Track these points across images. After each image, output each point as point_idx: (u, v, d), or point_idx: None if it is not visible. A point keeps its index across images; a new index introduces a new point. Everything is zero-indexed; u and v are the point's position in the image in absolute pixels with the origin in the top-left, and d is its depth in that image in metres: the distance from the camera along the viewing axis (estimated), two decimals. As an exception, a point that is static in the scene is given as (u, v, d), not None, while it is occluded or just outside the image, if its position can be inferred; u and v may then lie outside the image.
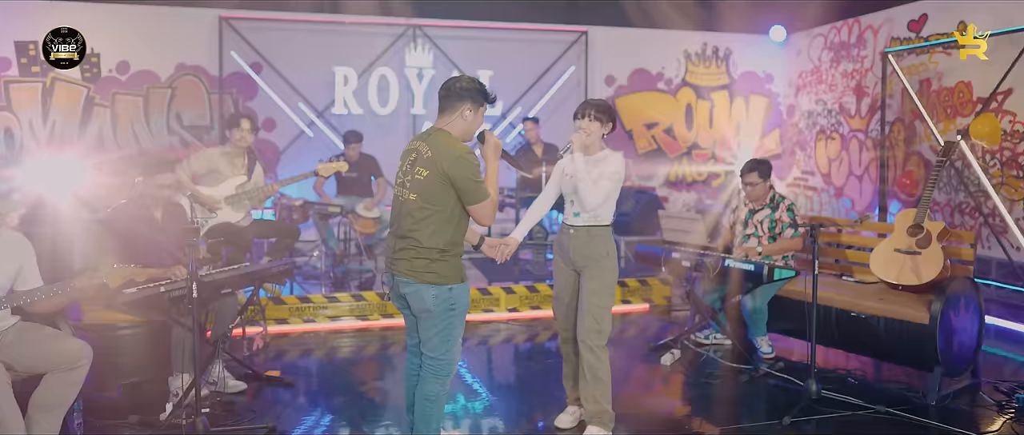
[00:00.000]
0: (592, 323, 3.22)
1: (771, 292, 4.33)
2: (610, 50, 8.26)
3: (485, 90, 2.81)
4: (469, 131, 2.80)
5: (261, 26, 7.20)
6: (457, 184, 2.67)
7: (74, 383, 2.87)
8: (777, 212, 4.47)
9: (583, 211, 3.25)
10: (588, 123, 3.23)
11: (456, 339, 2.80)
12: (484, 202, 2.70)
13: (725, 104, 8.75)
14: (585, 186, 3.16)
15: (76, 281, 2.84)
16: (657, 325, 5.54)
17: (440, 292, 2.71)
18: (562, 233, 3.35)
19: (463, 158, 2.67)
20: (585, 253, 3.25)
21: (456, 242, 2.75)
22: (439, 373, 2.79)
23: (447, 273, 2.72)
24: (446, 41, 7.68)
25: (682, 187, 8.72)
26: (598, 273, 3.24)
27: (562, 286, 3.39)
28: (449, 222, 2.71)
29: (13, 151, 6.76)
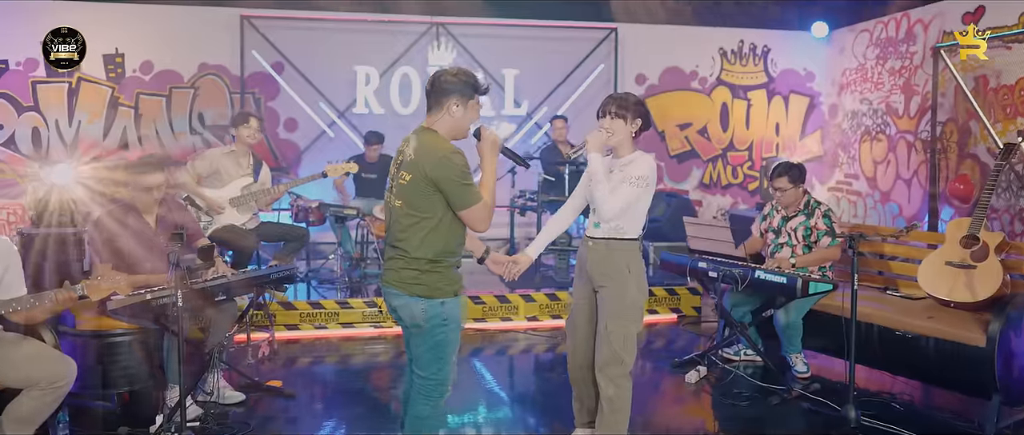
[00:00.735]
0: (610, 353, 2.84)
1: (806, 306, 3.99)
2: (641, 48, 7.95)
3: (474, 81, 2.54)
4: (460, 128, 2.53)
5: (282, 25, 7.11)
6: (442, 188, 2.42)
7: (51, 402, 2.74)
8: (812, 219, 4.13)
9: (602, 221, 2.87)
10: (610, 121, 2.88)
11: (449, 357, 2.56)
12: (475, 206, 2.44)
13: (763, 104, 8.35)
14: (601, 192, 2.79)
15: (55, 294, 2.71)
16: (685, 338, 5.23)
17: (430, 306, 2.48)
18: (582, 245, 3.00)
19: (446, 158, 2.42)
20: (603, 270, 2.87)
21: (449, 251, 2.51)
22: (430, 394, 2.56)
23: (438, 285, 2.49)
24: (469, 39, 7.48)
25: (716, 190, 8.35)
26: (617, 293, 2.85)
27: (579, 305, 3.02)
28: (439, 230, 2.47)
29: (40, 151, 6.80)
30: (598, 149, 2.88)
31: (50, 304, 2.72)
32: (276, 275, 3.69)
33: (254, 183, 4.61)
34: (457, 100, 2.50)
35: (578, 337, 3.03)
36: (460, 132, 2.55)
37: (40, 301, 2.72)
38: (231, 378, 3.89)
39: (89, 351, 3.54)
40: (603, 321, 2.87)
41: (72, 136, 6.87)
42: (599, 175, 2.83)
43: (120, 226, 3.54)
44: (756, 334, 4.26)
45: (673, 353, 4.74)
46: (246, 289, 3.55)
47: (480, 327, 5.34)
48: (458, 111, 2.50)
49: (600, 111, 2.95)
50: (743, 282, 3.79)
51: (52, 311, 2.79)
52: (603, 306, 2.89)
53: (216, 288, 3.34)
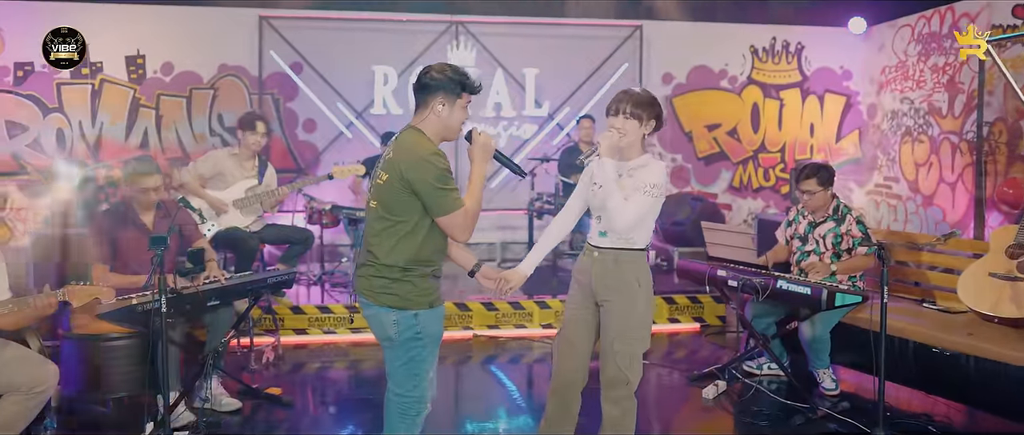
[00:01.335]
0: (615, 372, 2.62)
1: (834, 319, 3.72)
2: (667, 46, 7.68)
3: (461, 78, 2.36)
4: (448, 128, 2.37)
5: (300, 25, 7.06)
6: (418, 191, 2.26)
7: (32, 407, 2.68)
8: (843, 225, 3.84)
9: (611, 231, 2.64)
10: (623, 121, 2.63)
11: (425, 374, 2.38)
12: (454, 213, 2.26)
13: (796, 103, 8.00)
14: (615, 201, 2.55)
15: (35, 299, 2.64)
16: (708, 349, 4.98)
17: (402, 318, 2.31)
18: (585, 255, 2.74)
19: (424, 160, 2.25)
20: (609, 283, 2.64)
21: (424, 260, 2.33)
22: (406, 412, 2.39)
23: (411, 296, 2.31)
24: (490, 38, 7.32)
25: (747, 193, 8.03)
26: (625, 308, 2.63)
27: (574, 320, 2.74)
28: (413, 236, 2.30)
29: (64, 151, 6.87)
30: (611, 153, 2.64)
31: (31, 309, 2.65)
32: (273, 280, 3.58)
33: (259, 185, 4.52)
34: (442, 98, 2.34)
35: (573, 353, 2.75)
36: (448, 133, 2.38)
37: (20, 306, 2.65)
38: (230, 385, 3.80)
39: (84, 355, 3.50)
40: (608, 339, 2.65)
41: (94, 137, 6.92)
42: (612, 182, 2.60)
43: (116, 225, 3.50)
44: (781, 347, 4.00)
45: (693, 364, 4.51)
46: (237, 294, 3.44)
47: (494, 334, 5.18)
48: (444, 110, 2.34)
49: (612, 108, 2.69)
50: (764, 292, 3.54)
51: (33, 317, 2.72)
52: (609, 322, 2.66)
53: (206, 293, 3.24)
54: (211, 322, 3.54)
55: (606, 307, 2.67)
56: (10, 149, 6.77)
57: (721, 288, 3.87)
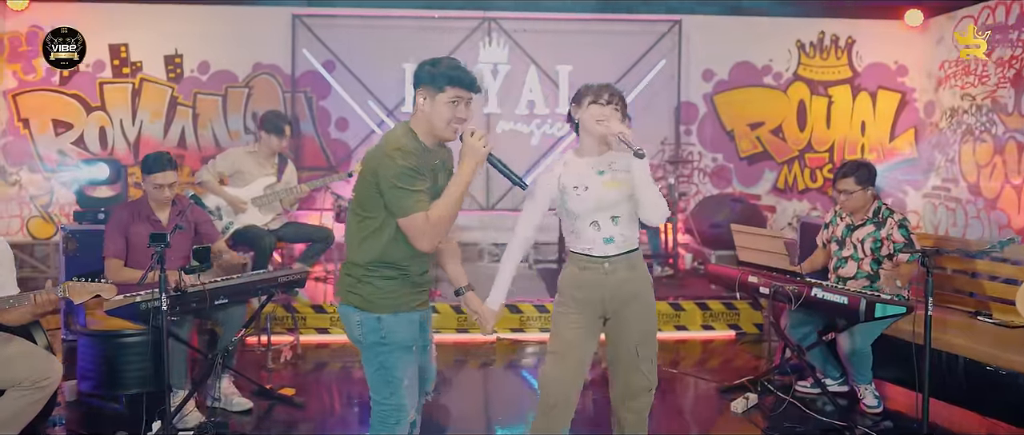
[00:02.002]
0: (642, 379, 2.44)
1: (876, 331, 3.44)
2: (708, 41, 7.38)
3: (446, 71, 2.20)
4: (433, 125, 2.21)
5: (333, 24, 7.05)
6: (380, 187, 2.13)
7: (35, 401, 2.66)
8: (884, 229, 3.55)
9: (624, 232, 2.43)
10: (612, 111, 2.43)
11: (398, 382, 2.23)
12: (412, 217, 2.09)
13: (846, 101, 7.59)
14: (652, 195, 2.36)
15: (35, 296, 2.63)
16: (743, 358, 4.73)
17: (366, 320, 2.20)
18: (586, 270, 2.45)
19: (387, 155, 2.12)
20: (628, 290, 2.44)
21: (391, 262, 2.19)
22: (385, 420, 2.27)
23: (373, 298, 2.19)
24: (522, 34, 7.17)
25: (792, 195, 7.66)
26: (645, 312, 2.48)
27: (578, 343, 2.48)
28: (379, 234, 2.17)
29: (106, 150, 7.04)
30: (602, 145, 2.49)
31: (30, 305, 2.64)
32: (284, 278, 3.52)
33: (278, 182, 4.49)
34: (423, 92, 2.21)
35: (575, 379, 2.48)
36: (436, 130, 2.21)
37: (20, 302, 2.64)
38: (245, 384, 3.76)
39: (99, 351, 3.50)
40: (629, 346, 2.47)
41: (134, 135, 7.07)
42: (648, 176, 2.41)
43: (131, 220, 3.50)
44: (824, 358, 3.73)
45: (726, 375, 4.28)
46: (247, 292, 3.39)
47: (518, 338, 5.04)
48: (425, 105, 2.21)
49: (602, 97, 2.44)
50: (797, 300, 3.29)
51: (33, 313, 2.71)
52: (628, 329, 2.47)
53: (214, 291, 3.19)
54: (224, 320, 3.51)
55: (622, 315, 2.49)
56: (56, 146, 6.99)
57: (752, 295, 3.63)
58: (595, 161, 2.48)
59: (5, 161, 6.92)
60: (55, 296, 2.60)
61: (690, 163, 7.43)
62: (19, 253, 6.97)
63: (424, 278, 2.31)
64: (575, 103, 2.49)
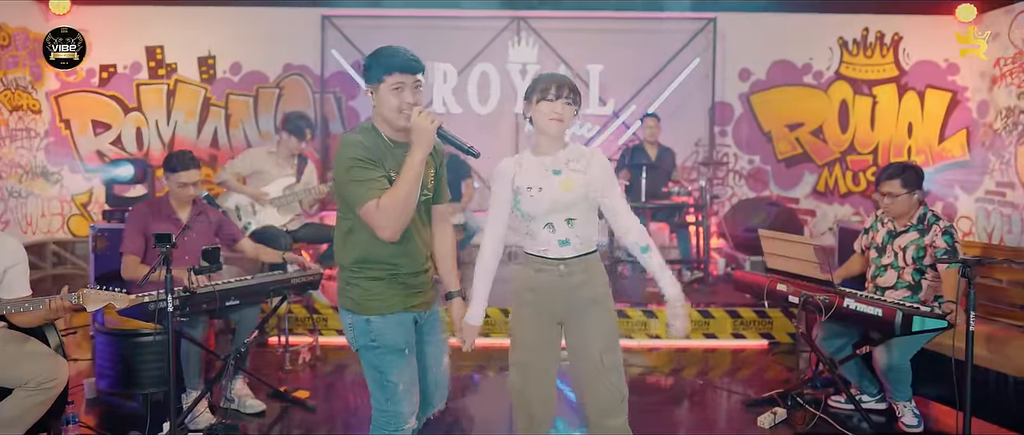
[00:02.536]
0: (611, 390, 2.28)
1: (914, 345, 3.22)
2: (744, 39, 7.14)
3: (373, 63, 2.14)
4: (384, 116, 2.15)
5: (361, 24, 7.05)
6: (336, 184, 2.14)
7: (40, 403, 2.66)
8: (928, 236, 3.32)
9: (581, 234, 2.30)
10: (564, 107, 2.26)
11: (395, 387, 2.16)
12: (365, 206, 2.03)
13: (892, 100, 7.25)
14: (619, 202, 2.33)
15: (50, 301, 2.63)
16: (775, 370, 4.51)
17: (356, 322, 2.17)
18: (540, 272, 2.31)
19: (338, 150, 2.12)
20: (584, 294, 2.31)
21: (376, 261, 2.14)
22: (382, 427, 2.20)
23: (361, 300, 2.15)
24: (552, 33, 7.05)
25: (833, 198, 7.36)
26: (604, 316, 2.33)
27: (540, 343, 2.33)
28: (356, 233, 2.15)
29: (142, 150, 7.18)
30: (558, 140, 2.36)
31: (44, 310, 2.65)
32: (297, 280, 3.48)
33: (297, 183, 4.47)
34: (369, 89, 2.17)
35: (547, 381, 2.35)
36: (390, 119, 2.15)
37: (34, 306, 2.64)
38: (260, 386, 3.74)
39: (116, 349, 3.52)
40: (593, 355, 2.30)
41: (169, 136, 7.19)
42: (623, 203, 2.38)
43: (151, 218, 3.51)
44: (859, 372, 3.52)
45: (755, 386, 4.09)
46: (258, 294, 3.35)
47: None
48: (373, 98, 2.17)
49: (550, 92, 2.25)
50: (828, 311, 3.09)
51: (45, 318, 2.72)
52: (590, 336, 2.32)
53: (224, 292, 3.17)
54: (237, 322, 3.49)
55: (582, 323, 2.34)
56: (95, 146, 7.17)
57: (781, 304, 3.44)
58: (551, 160, 2.31)
59: (47, 161, 7.11)
60: (69, 303, 2.60)
61: (725, 165, 7.20)
62: (61, 250, 7.16)
63: (419, 279, 2.23)
64: (526, 100, 2.35)
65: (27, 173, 6.89)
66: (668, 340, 4.97)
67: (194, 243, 3.44)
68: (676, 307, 2.29)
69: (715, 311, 5.03)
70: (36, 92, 6.97)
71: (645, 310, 5.02)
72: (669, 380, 4.34)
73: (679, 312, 2.28)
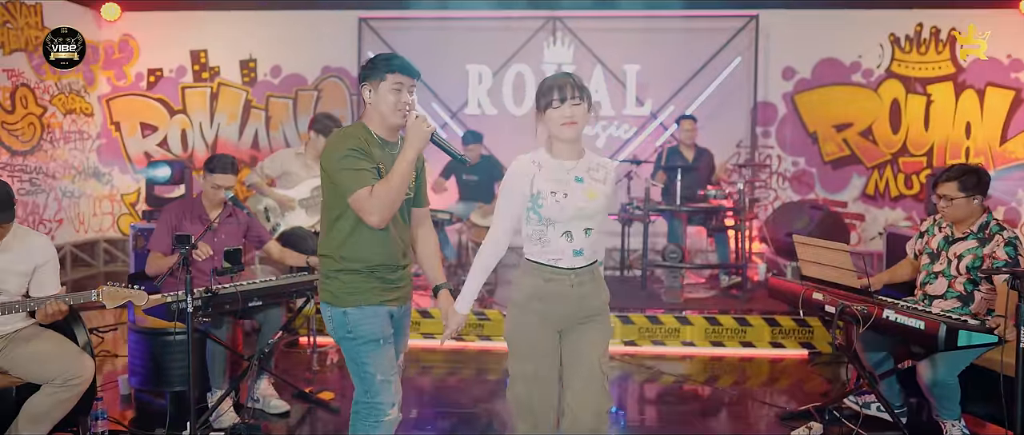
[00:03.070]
0: (604, 401, 2.22)
1: (962, 361, 3.02)
2: (788, 36, 6.90)
3: (376, 63, 2.25)
4: (381, 114, 2.25)
5: (398, 26, 7.09)
6: (331, 177, 2.20)
7: (67, 399, 2.72)
8: (989, 246, 3.09)
9: (593, 245, 2.26)
10: (573, 109, 2.18)
11: (373, 378, 2.24)
12: (357, 193, 2.14)
13: (949, 99, 6.89)
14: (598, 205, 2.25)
15: (71, 297, 2.70)
16: (814, 381, 4.31)
17: (334, 314, 2.26)
18: (553, 282, 2.23)
19: (331, 141, 2.23)
20: (595, 303, 2.28)
21: (355, 257, 2.22)
22: (364, 418, 2.28)
23: (339, 293, 2.24)
24: (588, 33, 6.95)
25: (884, 202, 7.04)
26: (606, 326, 2.34)
27: (546, 352, 2.26)
28: (340, 226, 2.23)
29: (186, 151, 7.38)
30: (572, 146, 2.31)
31: (66, 307, 2.71)
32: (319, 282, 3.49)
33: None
34: (368, 86, 2.26)
35: (552, 393, 2.29)
36: (385, 118, 2.26)
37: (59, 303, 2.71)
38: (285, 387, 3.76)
39: (146, 347, 3.59)
40: (593, 362, 2.25)
41: (212, 137, 7.37)
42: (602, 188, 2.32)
43: (181, 217, 3.58)
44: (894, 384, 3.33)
45: (792, 398, 3.92)
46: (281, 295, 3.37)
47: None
48: (371, 96, 2.26)
49: (556, 97, 2.18)
50: (866, 322, 2.92)
51: (42, 319, 2.76)
52: (591, 344, 2.28)
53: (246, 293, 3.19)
54: (262, 322, 3.52)
55: (583, 329, 2.29)
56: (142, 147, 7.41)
57: (818, 314, 3.28)
58: (572, 165, 2.24)
59: (99, 162, 7.38)
60: (64, 306, 2.66)
61: (767, 167, 6.96)
62: (111, 248, 7.43)
63: (396, 274, 2.30)
64: (536, 112, 2.27)
65: (80, 173, 7.16)
66: (703, 348, 4.82)
67: (222, 244, 3.48)
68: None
69: (752, 319, 4.85)
70: (89, 96, 7.25)
71: (678, 316, 4.88)
72: (702, 389, 4.20)
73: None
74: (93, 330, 4.98)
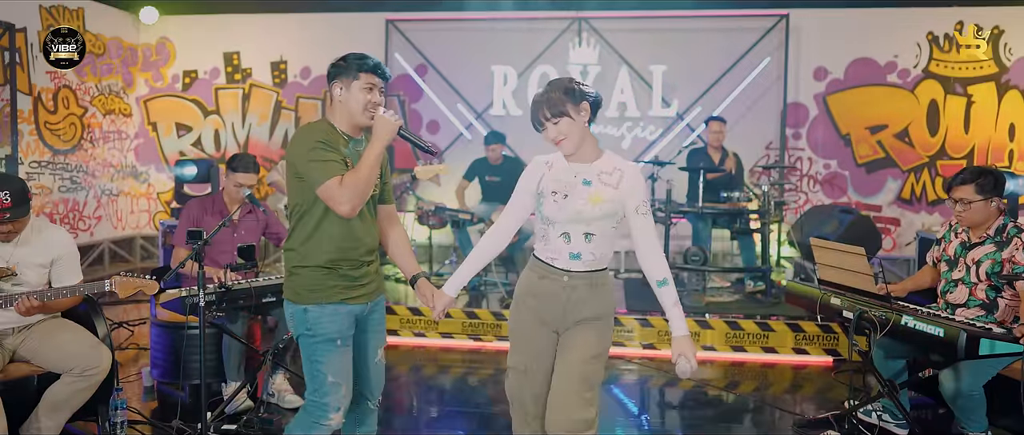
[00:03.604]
0: (583, 408, 2.15)
1: (987, 371, 2.89)
2: (820, 36, 6.74)
3: (347, 63, 2.23)
4: (350, 112, 2.24)
5: (424, 28, 7.15)
6: (298, 171, 2.19)
7: (84, 389, 2.80)
8: (1007, 250, 2.98)
9: (596, 251, 2.21)
10: (555, 128, 2.18)
11: (323, 378, 2.22)
12: (326, 184, 2.12)
13: (990, 100, 6.65)
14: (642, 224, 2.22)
15: (86, 287, 2.79)
16: (838, 389, 4.19)
17: (295, 311, 2.25)
18: (547, 279, 2.25)
19: (297, 139, 2.20)
20: (585, 312, 2.22)
21: (316, 252, 2.22)
22: (310, 414, 2.25)
23: (300, 290, 2.24)
24: (614, 34, 6.90)
25: (920, 207, 6.82)
26: (601, 334, 2.24)
27: (539, 355, 2.27)
28: (303, 224, 2.24)
29: (219, 151, 7.56)
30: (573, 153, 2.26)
31: (80, 296, 2.80)
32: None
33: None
34: (338, 84, 2.25)
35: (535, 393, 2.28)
36: (353, 116, 2.25)
37: (74, 293, 2.80)
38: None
39: (166, 340, 3.69)
40: (575, 363, 2.19)
41: (244, 138, 7.54)
42: (649, 229, 2.25)
43: (202, 213, 3.67)
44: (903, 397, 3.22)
45: (814, 405, 3.82)
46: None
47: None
48: (342, 94, 2.25)
49: (535, 125, 2.24)
50: (883, 329, 2.83)
51: (76, 303, 2.86)
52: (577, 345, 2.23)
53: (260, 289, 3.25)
54: (278, 318, 3.58)
55: (572, 331, 2.25)
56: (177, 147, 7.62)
57: (836, 319, 3.19)
58: (584, 168, 2.22)
59: (136, 161, 7.62)
60: (38, 302, 2.74)
61: (796, 170, 6.81)
62: (147, 244, 7.66)
63: (360, 271, 2.27)
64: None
65: (118, 172, 7.40)
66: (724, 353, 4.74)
67: (241, 240, 3.56)
68: (681, 345, 2.17)
69: (775, 324, 4.74)
70: (127, 97, 7.49)
71: (699, 320, 4.80)
72: (721, 395, 4.12)
73: (685, 351, 2.16)
74: (123, 324, 5.14)
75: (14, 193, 2.70)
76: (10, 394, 2.75)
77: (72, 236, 3.06)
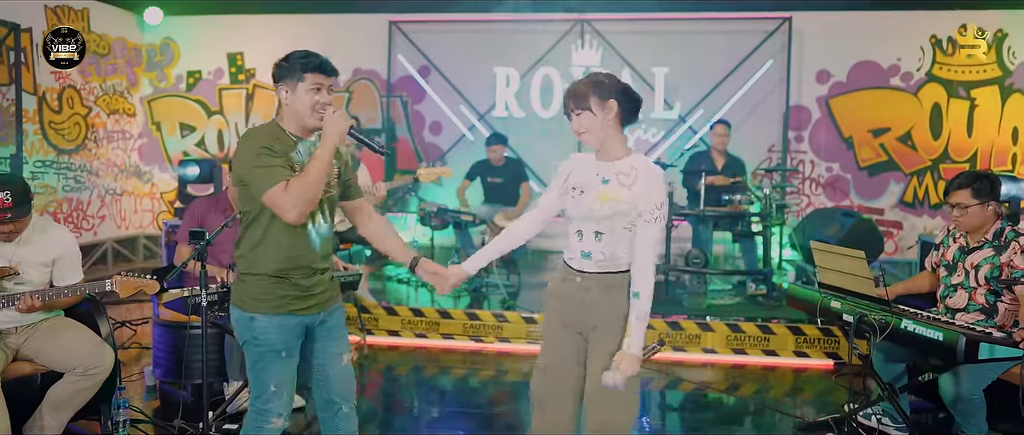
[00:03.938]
0: (604, 416, 2.18)
1: (988, 374, 2.90)
2: (823, 39, 6.74)
3: (299, 60, 2.16)
4: (298, 114, 2.17)
5: (427, 29, 7.17)
6: (243, 179, 2.12)
7: (87, 388, 2.82)
8: (1005, 254, 2.98)
9: (606, 251, 2.19)
10: (577, 120, 2.18)
11: (266, 385, 2.18)
12: (271, 190, 2.04)
13: (994, 104, 6.64)
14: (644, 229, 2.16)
15: (88, 286, 2.81)
16: (839, 393, 4.18)
17: (240, 318, 2.19)
18: (567, 281, 2.26)
19: (241, 147, 2.13)
20: (598, 311, 2.21)
21: (264, 260, 2.15)
22: (252, 420, 2.22)
23: (246, 297, 2.18)
24: (617, 36, 6.91)
25: (923, 210, 6.82)
26: (608, 338, 2.20)
27: (562, 356, 2.27)
28: (251, 232, 2.18)
29: (223, 151, 7.59)
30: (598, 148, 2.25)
31: (81, 295, 2.82)
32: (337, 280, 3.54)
33: (348, 184, 4.57)
34: (284, 87, 2.18)
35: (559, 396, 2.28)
36: (302, 118, 2.18)
37: (75, 291, 2.82)
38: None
39: (169, 340, 3.70)
40: (596, 373, 2.19)
41: (247, 138, 7.56)
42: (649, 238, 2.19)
43: (207, 212, 3.68)
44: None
45: (813, 409, 3.81)
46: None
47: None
48: (288, 98, 2.18)
49: (566, 111, 2.25)
50: (882, 332, 2.83)
51: (78, 301, 2.87)
52: (598, 354, 2.22)
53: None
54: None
55: (592, 339, 2.25)
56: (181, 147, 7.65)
57: (836, 322, 3.19)
58: (605, 166, 2.22)
59: (140, 160, 7.65)
60: (39, 301, 2.75)
61: (799, 174, 6.81)
62: (150, 244, 7.68)
63: (312, 280, 2.21)
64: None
65: (122, 172, 7.43)
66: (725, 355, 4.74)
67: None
68: (625, 360, 2.13)
69: (776, 327, 4.75)
70: (131, 97, 7.52)
71: (700, 322, 4.80)
72: (721, 397, 4.12)
73: (624, 366, 2.12)
74: (125, 323, 5.16)
75: (15, 193, 2.71)
76: (13, 392, 2.77)
77: (74, 235, 3.08)
